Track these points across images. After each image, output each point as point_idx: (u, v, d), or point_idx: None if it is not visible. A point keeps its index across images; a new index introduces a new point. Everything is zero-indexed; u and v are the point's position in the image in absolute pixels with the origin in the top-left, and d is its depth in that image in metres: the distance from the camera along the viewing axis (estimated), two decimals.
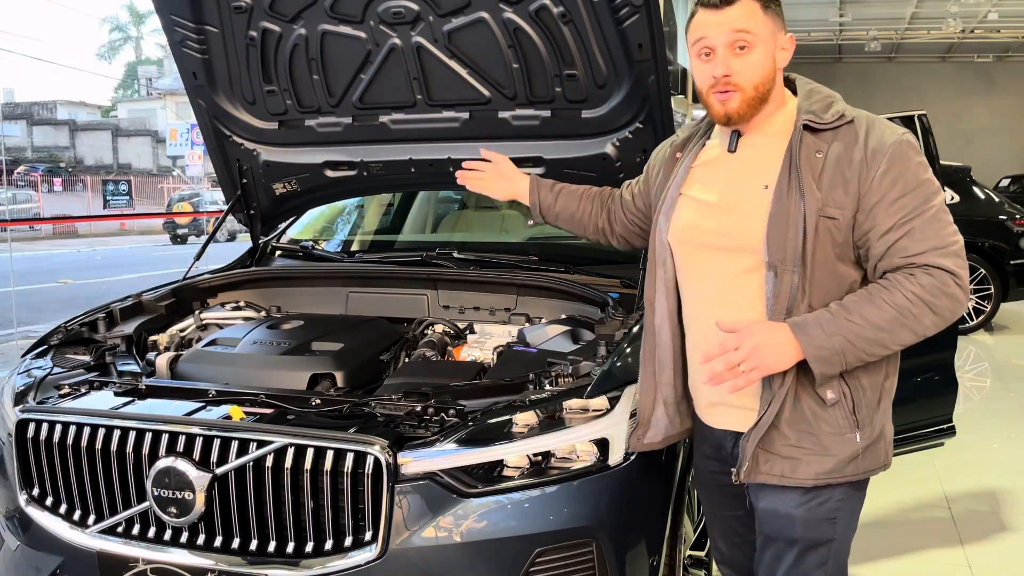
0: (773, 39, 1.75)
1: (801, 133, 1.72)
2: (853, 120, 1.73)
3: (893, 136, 1.70)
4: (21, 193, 26.43)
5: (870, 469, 1.79)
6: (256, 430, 2.02)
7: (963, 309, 1.69)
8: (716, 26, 1.73)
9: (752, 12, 1.72)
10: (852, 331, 1.64)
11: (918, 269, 1.64)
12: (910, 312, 1.63)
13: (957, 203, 7.96)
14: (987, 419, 5.49)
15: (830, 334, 1.64)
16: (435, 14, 2.62)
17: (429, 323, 2.86)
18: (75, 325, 2.79)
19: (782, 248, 1.69)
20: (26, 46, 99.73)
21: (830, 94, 1.79)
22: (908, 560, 3.44)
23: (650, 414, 1.98)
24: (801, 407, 1.73)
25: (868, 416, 1.75)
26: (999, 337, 8.31)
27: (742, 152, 1.82)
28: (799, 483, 1.76)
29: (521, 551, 1.92)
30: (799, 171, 1.69)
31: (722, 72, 1.73)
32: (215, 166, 3.32)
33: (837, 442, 1.73)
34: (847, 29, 18.99)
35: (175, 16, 2.85)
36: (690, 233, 1.86)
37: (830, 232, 1.69)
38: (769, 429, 1.75)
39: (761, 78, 1.74)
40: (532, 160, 2.89)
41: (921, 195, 1.67)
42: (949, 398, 3.49)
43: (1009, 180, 17.84)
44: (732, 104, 1.75)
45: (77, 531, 2.14)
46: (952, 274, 1.64)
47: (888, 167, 1.67)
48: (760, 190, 1.74)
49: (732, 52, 1.73)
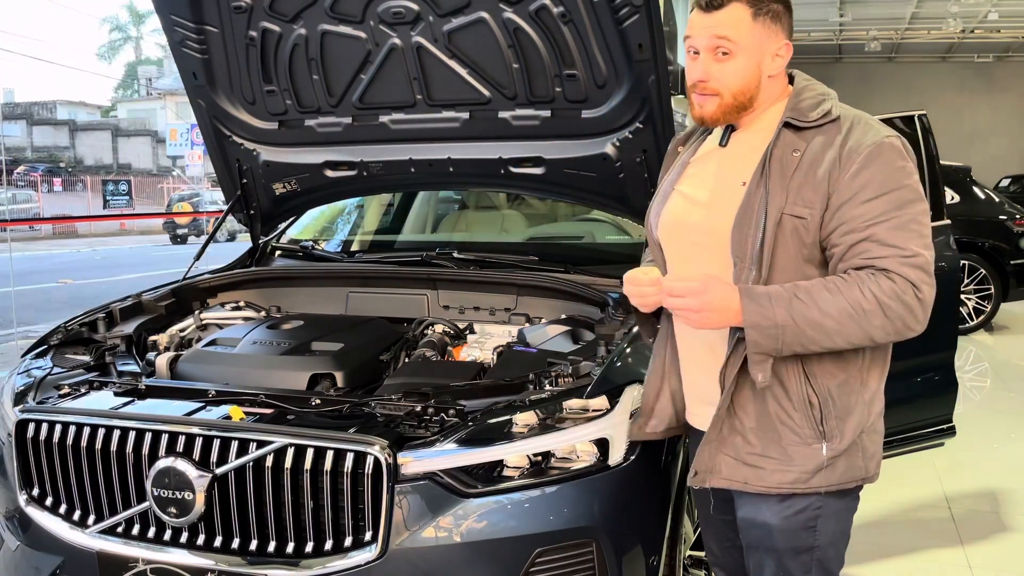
0: (760, 47, 1.71)
1: (781, 131, 1.71)
2: (839, 118, 1.70)
3: (874, 137, 1.66)
4: (21, 193, 26.44)
5: (843, 481, 1.73)
6: (256, 430, 2.02)
7: (917, 326, 1.62)
8: (702, 29, 1.72)
9: (739, 20, 1.69)
10: (799, 310, 1.60)
11: (879, 271, 1.60)
12: (861, 308, 1.59)
13: (957, 203, 7.96)
14: (987, 419, 5.50)
15: (775, 304, 1.60)
16: (435, 14, 2.62)
17: (429, 323, 2.85)
18: (75, 325, 2.79)
19: (743, 245, 1.68)
20: (26, 46, 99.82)
21: (823, 92, 1.77)
22: (908, 560, 3.44)
23: (654, 403, 1.98)
24: (767, 414, 1.71)
25: (837, 427, 1.70)
26: (999, 337, 8.31)
27: (731, 148, 1.82)
28: (763, 491, 1.74)
29: (521, 551, 1.92)
30: (769, 169, 1.68)
31: (698, 76, 1.73)
32: (215, 166, 3.32)
33: (801, 452, 1.71)
34: (847, 29, 18.99)
35: (175, 16, 2.85)
36: (676, 229, 1.86)
37: (798, 232, 1.66)
38: (734, 436, 1.75)
39: (740, 86, 1.72)
40: (532, 160, 2.89)
41: (894, 200, 1.62)
42: (949, 398, 3.48)
43: (1009, 180, 17.85)
44: (708, 108, 1.75)
45: (77, 531, 2.14)
46: (913, 285, 1.59)
47: (861, 167, 1.63)
48: (738, 186, 1.73)
49: (713, 57, 1.71)
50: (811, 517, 1.75)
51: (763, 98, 1.76)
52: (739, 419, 1.75)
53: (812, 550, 1.78)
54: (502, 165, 2.95)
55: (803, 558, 1.78)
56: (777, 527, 1.77)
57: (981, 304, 8.17)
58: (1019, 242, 8.11)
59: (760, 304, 1.61)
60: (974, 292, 8.17)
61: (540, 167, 2.90)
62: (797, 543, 1.77)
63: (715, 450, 1.77)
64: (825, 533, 1.77)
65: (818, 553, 1.78)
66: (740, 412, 1.74)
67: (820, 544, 1.78)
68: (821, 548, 1.78)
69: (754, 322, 1.61)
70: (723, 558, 2.08)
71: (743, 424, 1.74)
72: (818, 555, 1.78)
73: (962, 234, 7.61)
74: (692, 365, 1.90)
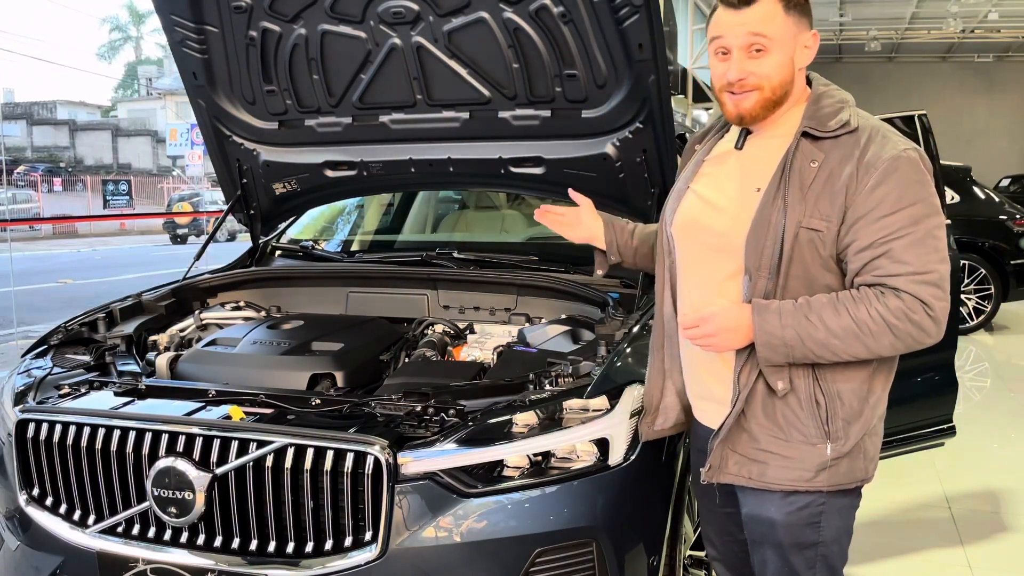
0: (793, 40, 1.70)
1: (799, 140, 1.69)
2: (857, 129, 1.69)
3: (892, 151, 1.64)
4: (21, 193, 26.43)
5: (844, 483, 1.76)
6: (256, 430, 2.02)
7: (931, 339, 1.64)
8: (733, 27, 1.69)
9: (772, 14, 1.67)
10: (806, 329, 1.62)
11: (889, 290, 1.61)
12: (868, 329, 1.61)
13: (957, 203, 7.97)
14: (987, 419, 5.49)
15: (784, 325, 1.63)
16: (435, 14, 2.62)
17: (429, 323, 2.86)
18: (75, 325, 2.79)
19: (759, 255, 1.68)
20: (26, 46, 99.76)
21: (842, 99, 1.75)
22: (908, 560, 3.44)
23: (659, 401, 1.98)
24: (775, 412, 1.73)
25: (843, 429, 1.72)
26: (999, 337, 8.30)
27: (748, 151, 1.81)
28: (767, 487, 1.76)
29: (521, 551, 1.92)
30: (788, 180, 1.67)
31: (736, 76, 1.70)
32: (215, 166, 3.32)
33: (806, 451, 1.72)
34: (847, 29, 18.99)
35: (175, 16, 2.85)
36: (690, 229, 1.86)
37: (814, 244, 1.66)
38: (741, 432, 1.76)
39: (779, 80, 1.71)
40: (532, 160, 2.89)
41: (909, 215, 1.62)
42: (949, 398, 3.49)
43: (1009, 180, 17.85)
44: (746, 104, 1.72)
45: (77, 531, 2.14)
46: (924, 303, 1.60)
47: (878, 182, 1.62)
48: (753, 192, 1.73)
49: (748, 55, 1.69)
50: (815, 513, 1.77)
51: (791, 96, 1.75)
52: (746, 416, 1.76)
53: (816, 546, 1.79)
54: (502, 165, 2.95)
55: (807, 553, 1.80)
56: (781, 523, 1.78)
57: (981, 304, 8.17)
58: (1019, 242, 8.11)
59: (770, 323, 1.64)
60: (974, 292, 8.17)
61: (540, 167, 2.90)
62: (801, 539, 1.79)
63: (723, 447, 1.79)
64: (829, 529, 1.79)
65: (822, 549, 1.80)
66: (747, 410, 1.76)
67: (824, 540, 1.79)
68: (825, 544, 1.80)
69: (763, 340, 1.65)
70: (723, 552, 2.09)
71: (750, 421, 1.75)
72: (822, 551, 1.80)
73: (962, 234, 7.62)
74: (696, 365, 1.90)
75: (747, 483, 1.78)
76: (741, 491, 1.84)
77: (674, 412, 1.98)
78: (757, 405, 1.74)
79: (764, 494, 1.78)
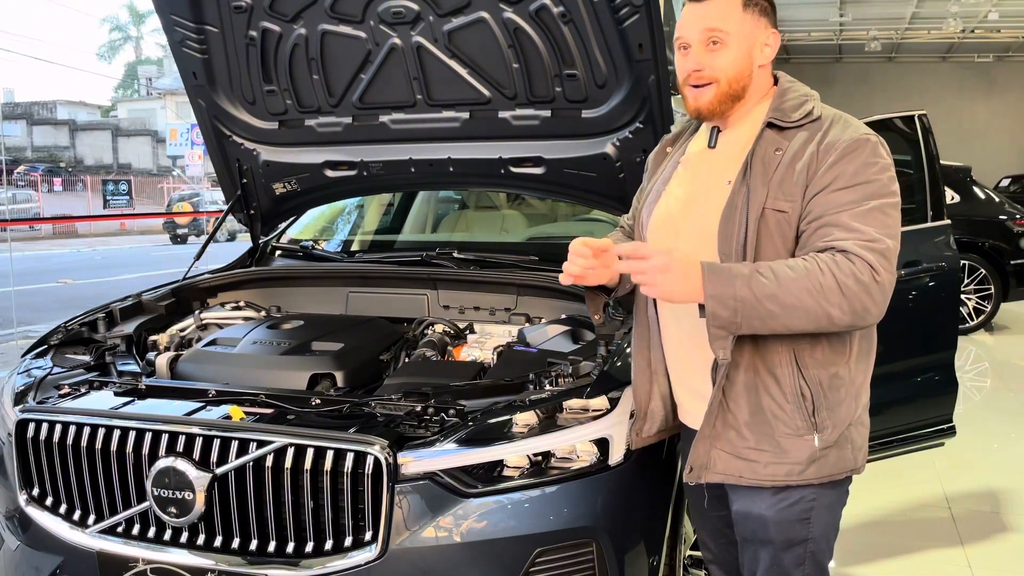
0: (751, 37, 1.76)
1: (763, 131, 1.74)
2: (820, 118, 1.74)
3: (852, 134, 1.70)
4: (21, 193, 26.46)
5: (834, 473, 1.77)
6: (256, 430, 2.02)
7: (875, 308, 1.62)
8: (693, 21, 1.76)
9: (729, 10, 1.74)
10: (758, 283, 1.59)
11: (839, 253, 1.62)
12: (820, 284, 1.58)
13: (957, 203, 7.97)
14: (987, 419, 5.50)
15: (736, 278, 1.60)
16: (435, 14, 2.62)
17: (429, 323, 2.85)
18: (75, 325, 2.79)
19: (729, 240, 1.71)
20: (26, 46, 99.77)
21: (806, 93, 1.80)
22: (908, 560, 3.43)
23: (647, 405, 1.99)
24: (761, 408, 1.74)
25: (829, 419, 1.73)
26: (999, 337, 8.30)
27: (719, 148, 1.85)
28: (759, 483, 1.77)
29: (521, 551, 1.92)
30: (751, 166, 1.71)
31: (692, 67, 1.76)
32: (215, 166, 3.32)
33: (794, 444, 1.73)
34: (847, 29, 18.98)
35: (175, 16, 2.85)
36: (666, 228, 1.88)
37: (781, 226, 1.69)
38: (729, 430, 1.77)
39: (735, 74, 1.76)
40: (532, 160, 2.89)
41: (863, 192, 1.65)
42: (949, 398, 3.48)
43: (1009, 180, 17.83)
44: (704, 98, 1.77)
45: (77, 531, 2.14)
46: (871, 267, 1.60)
47: (836, 160, 1.67)
48: (724, 184, 1.76)
49: (705, 48, 1.75)
50: (805, 509, 1.78)
51: (754, 90, 1.80)
52: (732, 414, 1.76)
53: (806, 542, 1.80)
54: (502, 165, 2.95)
55: (797, 551, 1.81)
56: (772, 519, 1.79)
57: (981, 304, 8.17)
58: (1019, 242, 8.11)
59: (720, 276, 1.62)
60: (974, 292, 8.17)
61: (540, 167, 2.90)
62: (791, 535, 1.80)
63: (709, 446, 1.79)
64: (818, 525, 1.80)
65: (811, 545, 1.81)
66: (733, 407, 1.76)
67: (813, 536, 1.80)
68: (814, 540, 1.81)
69: (714, 292, 1.60)
70: (719, 554, 2.09)
71: (736, 418, 1.76)
72: (811, 547, 1.81)
73: (962, 234, 7.61)
74: (681, 364, 1.91)
75: (738, 481, 1.79)
76: (732, 489, 1.85)
77: (659, 418, 1.98)
78: (742, 402, 1.75)
79: (754, 491, 1.79)
